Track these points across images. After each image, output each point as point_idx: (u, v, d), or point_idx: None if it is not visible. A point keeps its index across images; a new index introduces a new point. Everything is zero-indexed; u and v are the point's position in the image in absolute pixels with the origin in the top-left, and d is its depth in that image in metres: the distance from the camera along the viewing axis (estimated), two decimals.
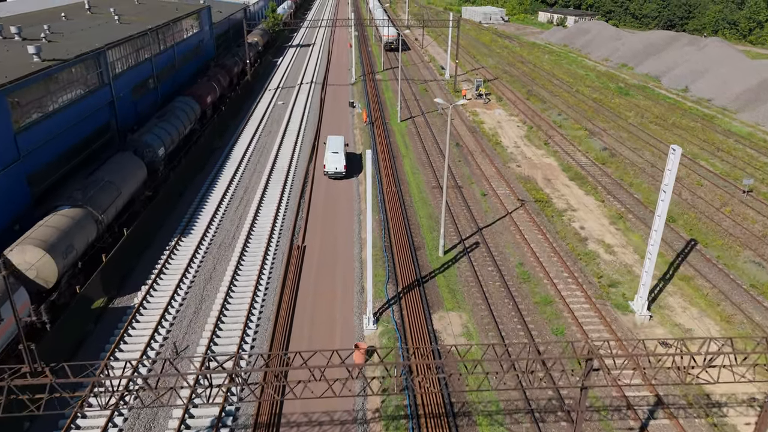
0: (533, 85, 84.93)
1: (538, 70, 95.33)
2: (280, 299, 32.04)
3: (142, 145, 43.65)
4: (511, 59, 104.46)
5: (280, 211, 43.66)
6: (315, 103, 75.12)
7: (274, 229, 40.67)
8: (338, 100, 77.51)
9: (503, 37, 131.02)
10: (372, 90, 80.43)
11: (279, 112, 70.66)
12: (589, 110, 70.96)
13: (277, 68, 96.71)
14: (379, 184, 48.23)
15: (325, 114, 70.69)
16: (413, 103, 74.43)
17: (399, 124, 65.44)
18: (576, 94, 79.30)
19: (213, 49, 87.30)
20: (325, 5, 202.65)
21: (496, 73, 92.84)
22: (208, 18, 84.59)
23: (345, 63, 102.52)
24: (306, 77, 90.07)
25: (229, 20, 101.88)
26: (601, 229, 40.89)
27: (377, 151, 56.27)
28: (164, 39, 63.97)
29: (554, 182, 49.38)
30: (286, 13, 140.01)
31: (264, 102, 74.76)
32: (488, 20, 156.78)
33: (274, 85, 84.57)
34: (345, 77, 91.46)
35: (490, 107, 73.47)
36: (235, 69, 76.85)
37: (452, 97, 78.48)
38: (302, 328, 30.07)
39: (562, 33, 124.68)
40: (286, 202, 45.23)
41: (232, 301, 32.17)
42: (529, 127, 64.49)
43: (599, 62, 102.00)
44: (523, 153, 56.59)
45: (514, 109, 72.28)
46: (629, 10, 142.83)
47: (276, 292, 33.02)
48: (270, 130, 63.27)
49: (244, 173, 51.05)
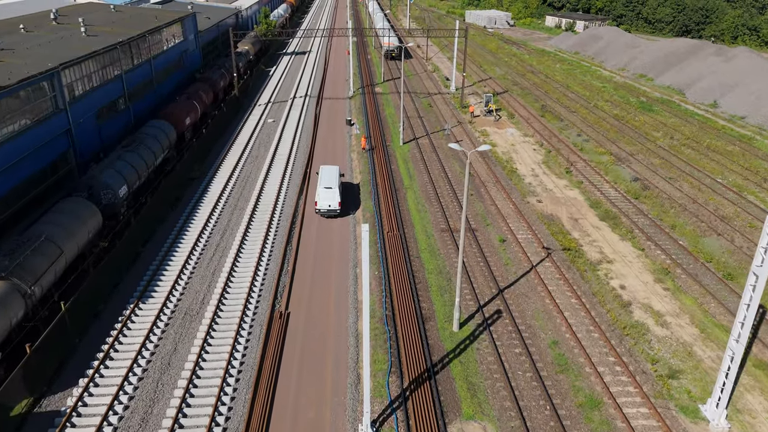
0: (546, 99, 78.12)
1: (550, 81, 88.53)
2: (251, 404, 25.19)
3: (99, 185, 36.83)
4: (520, 69, 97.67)
5: (263, 262, 36.84)
6: (309, 121, 68.32)
7: (253, 289, 33.86)
8: (334, 116, 70.72)
9: (510, 43, 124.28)
10: (371, 105, 73.63)
11: (268, 132, 63.83)
12: (612, 130, 64.13)
13: (270, 79, 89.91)
14: (379, 226, 41.41)
15: (319, 134, 63.89)
16: (416, 121, 67.61)
17: (401, 147, 58.63)
18: (594, 110, 72.47)
19: (199, 59, 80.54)
20: (322, 9, 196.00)
21: (505, 85, 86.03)
22: (193, 26, 77.82)
23: (342, 72, 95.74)
24: (300, 90, 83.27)
25: (218, 27, 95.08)
26: (645, 289, 34.05)
27: (377, 180, 49.44)
28: (139, 52, 57.17)
29: (582, 223, 42.55)
30: (281, 18, 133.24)
31: (252, 120, 67.93)
32: (493, 25, 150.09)
33: (264, 99, 77.75)
34: (342, 90, 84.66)
35: (501, 126, 66.64)
36: (221, 83, 70.05)
37: (459, 113, 71.66)
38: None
39: (573, 39, 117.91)
40: (270, 250, 38.39)
41: (194, 401, 25.34)
42: (547, 150, 57.65)
43: (615, 72, 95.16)
44: (543, 184, 49.76)
45: (528, 128, 65.44)
46: (642, 14, 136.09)
47: (249, 386, 26.19)
48: (257, 155, 56.44)
49: (223, 211, 44.20)
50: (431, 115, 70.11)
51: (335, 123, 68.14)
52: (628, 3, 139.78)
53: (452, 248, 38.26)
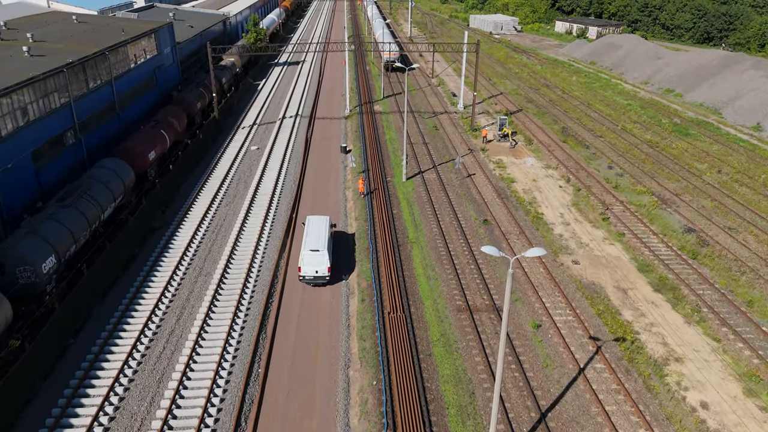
0: (566, 119, 69.54)
1: (568, 97, 79.97)
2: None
3: (13, 260, 28.29)
4: (533, 82, 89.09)
5: (225, 363, 28.28)
6: (299, 147, 59.74)
7: (209, 410, 25.31)
8: (328, 141, 62.14)
9: (519, 51, 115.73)
10: (370, 128, 65.06)
11: (251, 162, 55.23)
12: (648, 160, 55.56)
13: (258, 94, 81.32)
14: (378, 301, 32.83)
15: (310, 164, 55.31)
16: (421, 149, 59.00)
17: (404, 183, 50.04)
18: (623, 133, 63.90)
19: (177, 75, 71.98)
20: (319, 12, 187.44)
21: (518, 102, 77.46)
22: (170, 37, 69.28)
23: (338, 85, 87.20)
24: (290, 108, 74.70)
25: (202, 37, 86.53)
26: (735, 407, 25.48)
27: (375, 231, 40.90)
28: (96, 73, 48.65)
29: (633, 295, 33.98)
30: (274, 23, 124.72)
31: (234, 147, 59.32)
32: (499, 30, 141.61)
33: (250, 120, 69.14)
34: (337, 107, 76.10)
35: (518, 154, 58.07)
36: (198, 104, 61.47)
37: (469, 138, 63.06)
38: None
39: (588, 48, 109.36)
40: (237, 342, 29.84)
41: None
42: (576, 188, 49.06)
43: (638, 86, 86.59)
44: (576, 235, 41.18)
45: (550, 157, 56.86)
46: (659, 20, 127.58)
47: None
48: (234, 194, 47.86)
49: (185, 278, 35.61)
50: (438, 141, 61.52)
51: (329, 150, 59.58)
52: (644, 8, 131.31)
53: (473, 340, 29.68)
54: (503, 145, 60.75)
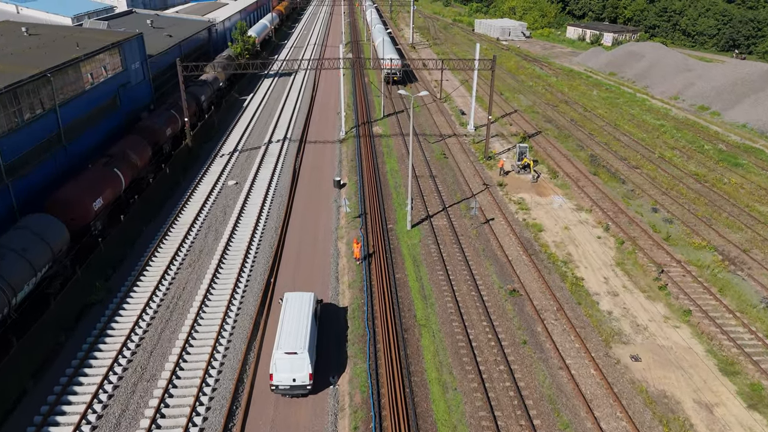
0: (593, 144, 60.73)
1: (592, 116, 71.15)
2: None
3: None
4: (549, 97, 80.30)
5: None
6: (284, 182, 50.94)
7: None
8: (319, 172, 53.32)
9: (530, 60, 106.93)
10: (368, 156, 56.25)
11: (225, 204, 46.41)
12: (698, 200, 46.75)
13: (243, 113, 72.50)
14: (377, 419, 24.02)
15: (296, 205, 46.50)
16: (427, 183, 50.22)
17: (409, 233, 41.19)
18: (661, 162, 55.09)
19: (149, 92, 63.25)
20: (316, 16, 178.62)
21: (536, 122, 68.65)
22: (140, 50, 60.53)
23: (334, 100, 78.42)
24: (278, 129, 65.89)
25: (181, 47, 77.75)
26: None
27: (374, 308, 32.14)
28: (35, 100, 39.93)
29: (722, 417, 25.13)
30: (265, 31, 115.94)
31: (207, 182, 50.46)
32: (507, 36, 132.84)
33: (230, 145, 60.29)
34: (332, 128, 67.29)
35: (543, 190, 49.28)
36: (168, 130, 52.65)
37: (483, 168, 54.25)
38: None
39: (606, 57, 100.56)
40: None
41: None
42: (618, 240, 40.22)
43: (667, 102, 77.75)
44: (629, 312, 32.37)
45: (581, 195, 48.06)
46: (679, 25, 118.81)
47: None
48: (200, 250, 39.03)
49: (116, 394, 26.74)
50: (447, 173, 52.69)
51: (320, 184, 50.77)
52: (662, 12, 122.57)
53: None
54: (524, 178, 51.95)
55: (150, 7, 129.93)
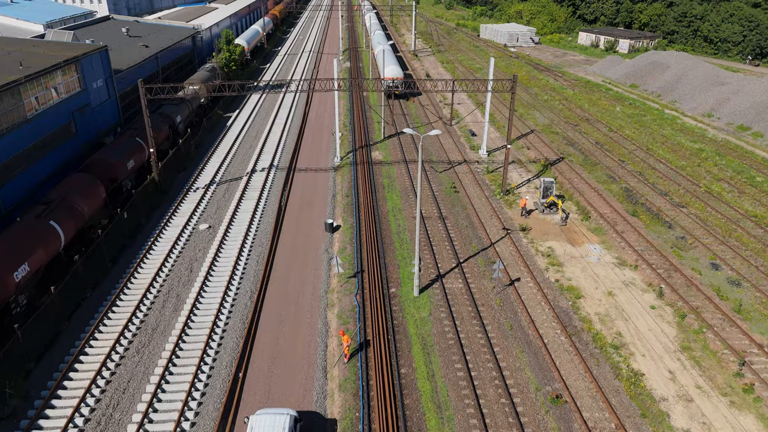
0: (625, 173, 52.72)
1: (618, 137, 63.13)
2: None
3: None
4: (568, 113, 72.31)
5: None
6: (266, 225, 42.91)
7: None
8: (309, 211, 45.27)
9: (542, 69, 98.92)
10: (367, 190, 48.24)
11: (191, 258, 38.34)
12: (766, 253, 38.69)
13: (225, 134, 64.46)
14: None
15: (278, 260, 38.44)
16: (437, 228, 42.20)
17: (417, 302, 33.16)
18: (709, 198, 47.07)
19: (116, 113, 55.32)
20: (313, 21, 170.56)
21: (556, 145, 60.63)
22: (103, 66, 52.62)
23: (329, 118, 70.39)
24: (264, 154, 57.88)
25: (158, 59, 69.78)
26: None
27: (371, 429, 24.15)
28: None
29: None
30: (257, 37, 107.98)
31: (174, 227, 42.39)
32: (515, 42, 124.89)
33: (207, 176, 52.24)
34: (326, 152, 59.27)
35: (575, 236, 41.26)
36: (130, 163, 44.57)
37: (501, 205, 46.25)
38: None
39: (625, 67, 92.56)
40: None
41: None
42: (679, 314, 32.19)
43: (701, 121, 69.73)
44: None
45: (621, 244, 40.01)
46: (701, 31, 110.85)
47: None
48: (154, 328, 30.95)
49: None
50: (459, 213, 44.67)
51: (309, 227, 42.73)
52: (682, 17, 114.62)
53: None
54: (550, 219, 43.93)
55: (135, 10, 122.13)
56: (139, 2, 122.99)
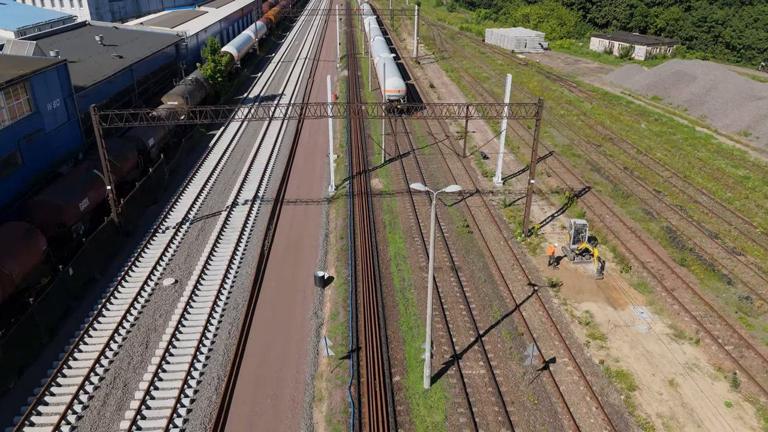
0: (663, 208, 45.63)
1: (648, 160, 56.05)
2: None
3: None
4: (588, 131, 65.25)
5: None
6: (244, 279, 35.83)
7: None
8: (296, 255, 38.14)
9: (554, 79, 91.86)
10: (365, 229, 41.18)
11: (149, 327, 31.20)
12: None
13: (207, 156, 57.37)
14: None
15: (255, 330, 31.37)
16: (448, 282, 35.12)
17: (428, 397, 26.01)
18: (766, 238, 40.05)
19: (78, 137, 48.43)
20: (310, 24, 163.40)
21: (579, 170, 53.56)
22: (61, 84, 45.67)
23: (322, 137, 63.27)
24: (249, 182, 50.79)
25: (133, 72, 62.74)
26: None
27: None
28: None
29: None
30: (249, 44, 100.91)
31: (132, 283, 35.20)
32: (523, 48, 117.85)
33: (180, 211, 45.05)
34: (318, 179, 52.20)
35: (614, 294, 34.18)
36: (83, 203, 37.43)
37: (523, 250, 39.18)
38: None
39: (645, 77, 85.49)
40: None
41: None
42: (763, 415, 25.11)
43: (736, 139, 62.65)
44: None
45: (673, 305, 32.93)
46: (722, 37, 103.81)
47: None
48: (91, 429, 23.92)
49: None
50: (475, 262, 37.57)
51: (295, 282, 35.64)
52: (701, 22, 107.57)
53: None
54: (583, 269, 36.85)
55: (120, 15, 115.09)
56: (124, 6, 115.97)
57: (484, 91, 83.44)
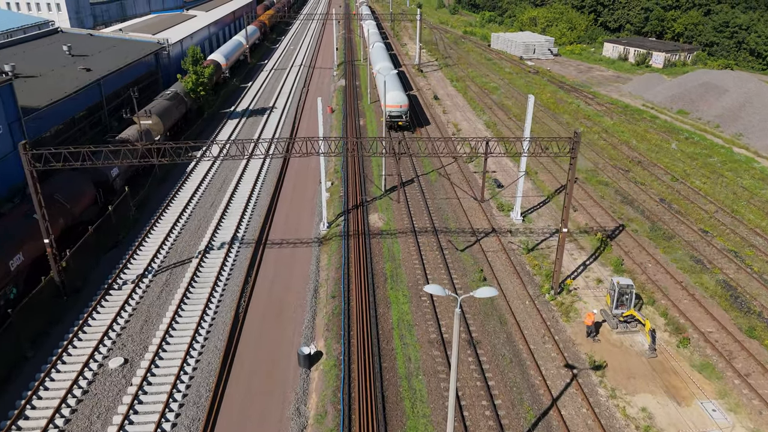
0: (714, 254, 38.69)
1: (686, 189, 49.10)
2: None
3: None
4: (612, 152, 58.33)
5: None
6: (211, 357, 28.87)
7: None
8: (278, 324, 31.26)
9: (568, 89, 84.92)
10: (361, 284, 34.23)
11: (84, 427, 24.33)
12: None
13: (184, 182, 50.35)
14: None
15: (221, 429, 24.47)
16: (465, 357, 28.14)
17: None
18: None
19: (19, 171, 41.10)
20: (307, 27, 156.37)
21: (608, 202, 46.61)
22: (3, 106, 38.74)
23: (315, 160, 56.24)
24: (228, 218, 43.81)
25: (102, 87, 55.83)
26: None
27: None
28: None
29: None
30: (239, 50, 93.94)
31: (70, 366, 28.19)
32: (531, 54, 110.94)
33: (142, 260, 38.03)
34: (309, 213, 45.25)
35: (675, 382, 27.20)
36: (14, 261, 30.36)
37: (555, 315, 32.24)
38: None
39: (668, 88, 78.58)
40: None
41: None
42: None
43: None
44: None
45: (754, 402, 25.99)
46: (746, 44, 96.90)
47: None
48: None
49: None
50: (498, 333, 30.61)
51: (274, 362, 28.71)
52: (723, 27, 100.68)
53: None
54: (630, 343, 29.88)
55: (103, 18, 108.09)
56: (108, 10, 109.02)
57: (494, 104, 76.51)
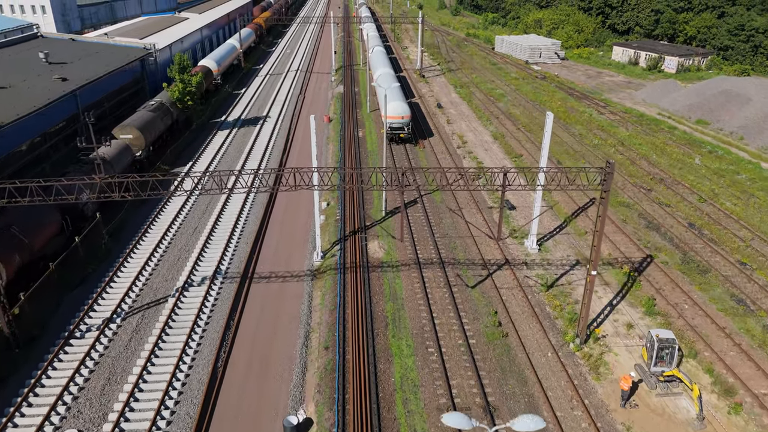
0: (756, 291, 34.38)
1: (716, 211, 44.77)
2: None
3: None
4: (631, 168, 54.01)
5: None
6: (182, 425, 24.54)
7: None
8: (261, 384, 26.93)
9: (578, 96, 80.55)
10: (359, 332, 29.91)
11: None
12: None
13: (164, 206, 45.94)
14: None
15: None
16: (478, 430, 23.87)
17: None
18: None
19: None
20: (304, 30, 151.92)
21: (632, 227, 42.30)
22: None
23: None
24: (211, 249, 39.44)
25: (78, 98, 51.49)
26: None
27: None
28: None
29: None
30: (232, 55, 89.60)
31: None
32: (537, 58, 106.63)
33: (112, 299, 33.68)
34: (302, 241, 40.92)
35: None
36: None
37: (583, 371, 27.91)
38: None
39: (686, 96, 74.22)
40: None
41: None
42: None
43: None
44: None
45: None
46: (763, 48, 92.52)
47: None
48: None
49: None
50: (518, 395, 26.27)
51: (257, 426, 24.43)
52: (738, 30, 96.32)
53: None
54: (672, 409, 25.52)
55: (91, 21, 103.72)
56: (97, 12, 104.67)
57: (500, 113, 72.18)
